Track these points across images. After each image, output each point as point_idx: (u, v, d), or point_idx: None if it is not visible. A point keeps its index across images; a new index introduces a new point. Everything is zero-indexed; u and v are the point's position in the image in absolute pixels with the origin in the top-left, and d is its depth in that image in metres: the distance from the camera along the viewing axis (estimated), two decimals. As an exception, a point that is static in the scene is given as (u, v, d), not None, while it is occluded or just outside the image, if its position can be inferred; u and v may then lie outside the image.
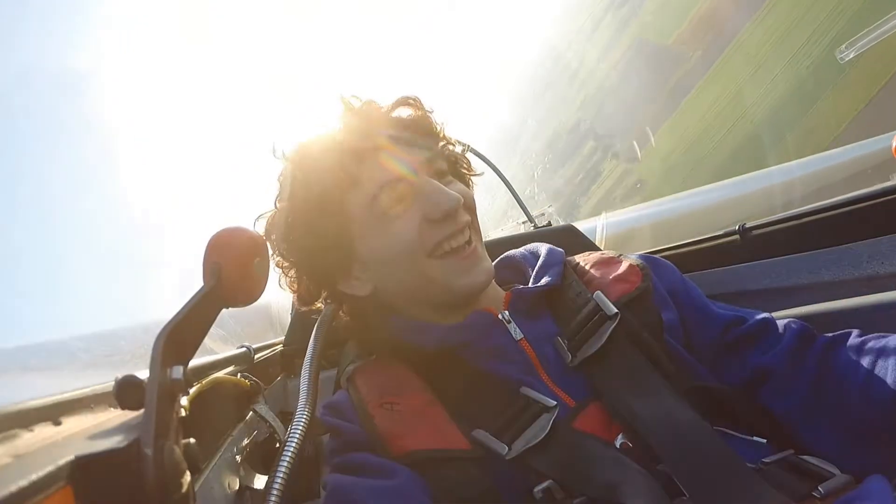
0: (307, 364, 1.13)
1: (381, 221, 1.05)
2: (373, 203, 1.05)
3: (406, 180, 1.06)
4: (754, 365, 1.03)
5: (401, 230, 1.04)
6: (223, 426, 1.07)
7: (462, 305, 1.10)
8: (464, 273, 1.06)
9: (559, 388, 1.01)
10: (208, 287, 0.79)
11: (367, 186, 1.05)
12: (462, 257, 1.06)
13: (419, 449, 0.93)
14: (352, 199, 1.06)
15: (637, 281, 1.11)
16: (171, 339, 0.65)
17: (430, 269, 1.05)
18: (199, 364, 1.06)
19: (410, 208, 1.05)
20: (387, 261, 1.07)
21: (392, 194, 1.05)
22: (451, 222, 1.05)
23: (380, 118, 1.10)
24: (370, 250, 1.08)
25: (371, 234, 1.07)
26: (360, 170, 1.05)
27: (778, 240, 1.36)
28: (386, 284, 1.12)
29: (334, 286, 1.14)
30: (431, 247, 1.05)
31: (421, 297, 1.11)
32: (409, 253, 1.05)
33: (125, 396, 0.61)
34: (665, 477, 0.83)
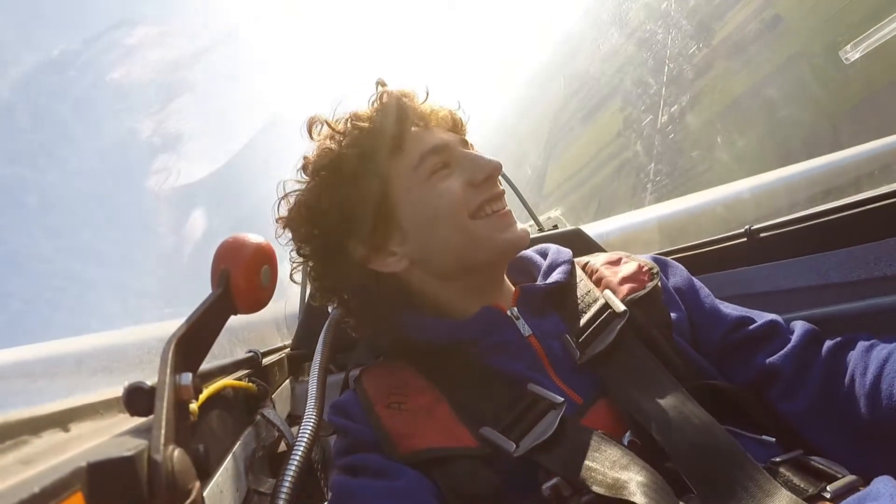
0: (315, 368, 1.14)
1: (426, 185, 1.09)
2: (418, 167, 1.09)
3: (449, 147, 1.11)
4: (761, 366, 1.04)
5: (446, 191, 1.08)
6: (231, 431, 1.08)
7: (491, 282, 1.15)
8: (506, 229, 1.10)
9: (567, 385, 1.02)
10: (216, 294, 0.79)
11: (412, 153, 1.10)
12: (502, 216, 1.11)
13: (427, 448, 0.93)
14: (396, 166, 1.10)
15: (646, 280, 1.12)
16: (180, 345, 0.66)
17: (475, 227, 1.09)
18: (207, 369, 1.07)
19: (453, 173, 1.10)
20: (431, 222, 1.10)
21: (436, 159, 1.10)
22: (491, 185, 1.11)
23: (419, 101, 1.16)
24: (414, 215, 1.11)
25: (415, 197, 1.10)
26: (404, 138, 1.10)
27: (785, 242, 1.35)
28: (426, 254, 1.13)
29: (365, 265, 1.14)
30: (475, 208, 1.09)
31: (462, 261, 1.12)
32: (454, 213, 1.08)
33: (134, 403, 0.62)
34: (673, 474, 0.83)
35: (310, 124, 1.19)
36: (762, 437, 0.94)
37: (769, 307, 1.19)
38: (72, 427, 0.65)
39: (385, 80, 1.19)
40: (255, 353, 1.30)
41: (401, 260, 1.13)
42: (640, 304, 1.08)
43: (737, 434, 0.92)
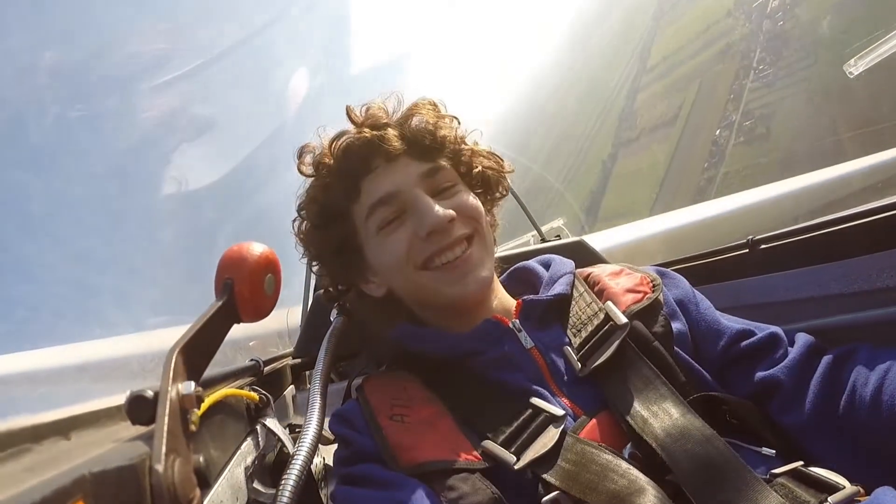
0: (316, 376, 1.14)
1: (379, 234, 1.12)
2: (369, 216, 1.12)
3: (399, 195, 1.11)
4: (762, 378, 1.04)
5: (392, 246, 1.11)
6: (232, 439, 1.07)
7: (463, 312, 1.14)
8: (454, 283, 1.10)
9: (568, 397, 1.02)
10: (220, 303, 0.80)
11: (364, 202, 1.12)
12: (452, 268, 1.10)
13: (429, 460, 0.93)
14: (356, 210, 1.14)
15: (648, 292, 1.12)
16: (183, 354, 0.66)
17: (421, 279, 1.11)
18: (208, 377, 1.07)
19: (404, 223, 1.11)
20: (385, 270, 1.15)
21: (386, 210, 1.11)
22: (440, 237, 1.09)
23: (386, 128, 1.14)
24: (374, 259, 1.16)
25: (371, 245, 1.15)
26: (358, 184, 1.13)
27: (787, 253, 1.35)
28: (395, 287, 1.19)
29: (355, 285, 1.24)
30: (421, 261, 1.10)
31: (422, 303, 1.18)
32: (400, 267, 1.11)
33: (136, 412, 0.62)
34: (674, 487, 0.84)
35: (299, 153, 1.25)
36: (762, 450, 0.94)
37: (771, 318, 1.19)
38: (74, 435, 0.65)
39: (353, 109, 1.19)
40: (256, 362, 1.30)
41: (379, 287, 1.21)
42: (641, 316, 1.08)
43: (737, 446, 0.92)
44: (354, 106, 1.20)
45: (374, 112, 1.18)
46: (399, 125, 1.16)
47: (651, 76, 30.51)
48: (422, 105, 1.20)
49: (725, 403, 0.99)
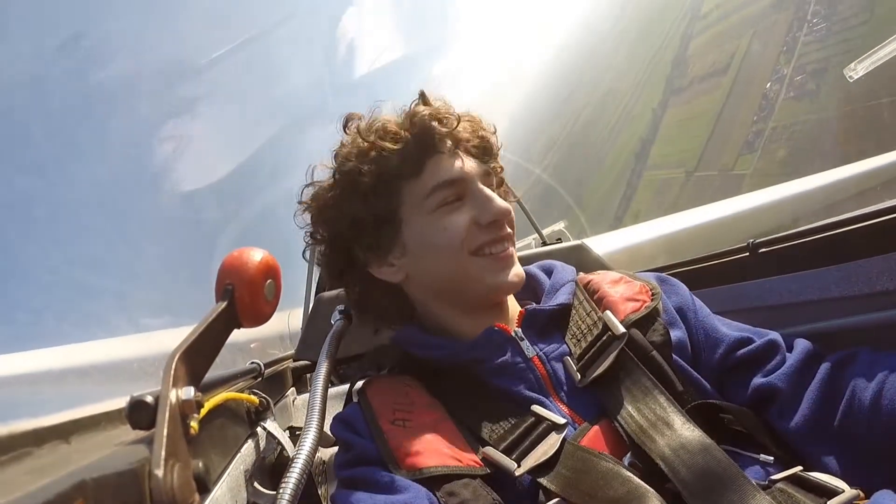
0: (317, 379, 1.14)
1: (434, 214, 1.11)
2: (429, 196, 1.11)
3: (464, 181, 1.12)
4: (760, 385, 1.04)
5: (451, 226, 1.10)
6: (232, 443, 1.08)
7: (486, 306, 1.15)
8: (499, 272, 1.12)
9: (568, 406, 1.03)
10: (220, 308, 0.80)
11: (427, 181, 1.11)
12: (498, 259, 1.12)
13: (430, 466, 0.93)
14: (410, 187, 1.12)
15: (647, 300, 1.13)
16: (183, 359, 0.66)
17: (470, 264, 1.10)
18: (208, 380, 1.07)
19: (463, 206, 1.12)
20: (431, 249, 1.12)
21: (449, 191, 1.11)
22: (496, 229, 1.12)
23: (450, 120, 1.15)
24: (417, 236, 1.13)
25: (422, 223, 1.12)
26: (423, 162, 1.11)
27: (787, 256, 1.35)
28: (421, 273, 1.17)
29: (366, 267, 1.19)
30: (475, 247, 1.10)
31: (453, 288, 1.15)
32: (454, 248, 1.10)
33: (136, 416, 0.62)
34: (673, 495, 0.84)
35: (346, 120, 1.23)
36: (761, 456, 0.94)
37: (770, 321, 1.19)
38: (74, 439, 0.65)
39: (426, 93, 1.21)
40: (257, 365, 1.30)
41: (398, 272, 1.17)
42: (640, 325, 1.08)
43: (736, 453, 0.92)
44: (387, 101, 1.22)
45: (443, 102, 1.20)
46: (463, 119, 1.18)
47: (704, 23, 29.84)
48: (468, 112, 1.21)
49: (724, 411, 0.99)
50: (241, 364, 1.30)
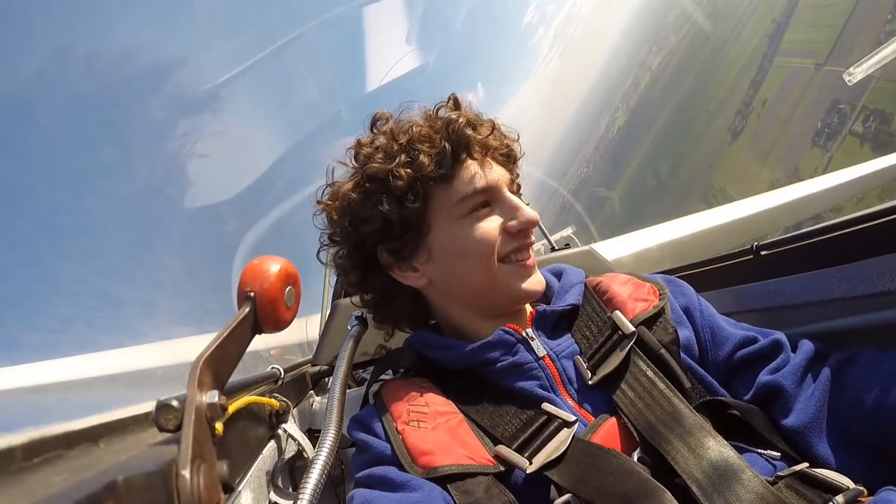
0: (335, 383, 1.14)
1: (465, 220, 1.10)
2: (461, 203, 1.10)
3: (495, 189, 1.12)
4: (765, 383, 1.03)
5: (482, 233, 1.09)
6: (254, 445, 1.08)
7: (506, 313, 1.15)
8: (524, 279, 1.12)
9: (579, 404, 1.03)
10: (242, 315, 0.81)
11: (460, 187, 1.10)
12: (523, 266, 1.12)
13: (444, 465, 0.93)
14: (441, 193, 1.11)
15: (654, 300, 1.12)
16: (207, 364, 0.67)
17: (498, 271, 1.10)
18: (231, 385, 1.08)
19: (493, 213, 1.12)
20: (460, 255, 1.11)
21: (481, 198, 1.11)
22: (523, 236, 1.12)
23: (484, 127, 1.15)
24: (445, 243, 1.12)
25: (452, 228, 1.11)
26: (455, 168, 1.10)
27: (790, 258, 1.34)
28: (446, 278, 1.16)
29: (388, 271, 1.19)
30: (504, 254, 1.10)
31: (478, 295, 1.15)
32: (485, 255, 1.10)
33: (163, 421, 0.63)
34: (682, 490, 0.83)
35: (374, 119, 1.22)
36: (767, 452, 0.94)
37: (775, 323, 1.19)
38: (103, 442, 0.66)
39: (459, 98, 1.20)
40: (276, 369, 1.31)
41: (421, 277, 1.16)
42: (648, 324, 1.08)
43: (743, 449, 0.92)
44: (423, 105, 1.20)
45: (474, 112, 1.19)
46: (492, 126, 1.17)
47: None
48: (490, 119, 1.20)
49: (731, 408, 0.99)
50: (262, 369, 1.31)
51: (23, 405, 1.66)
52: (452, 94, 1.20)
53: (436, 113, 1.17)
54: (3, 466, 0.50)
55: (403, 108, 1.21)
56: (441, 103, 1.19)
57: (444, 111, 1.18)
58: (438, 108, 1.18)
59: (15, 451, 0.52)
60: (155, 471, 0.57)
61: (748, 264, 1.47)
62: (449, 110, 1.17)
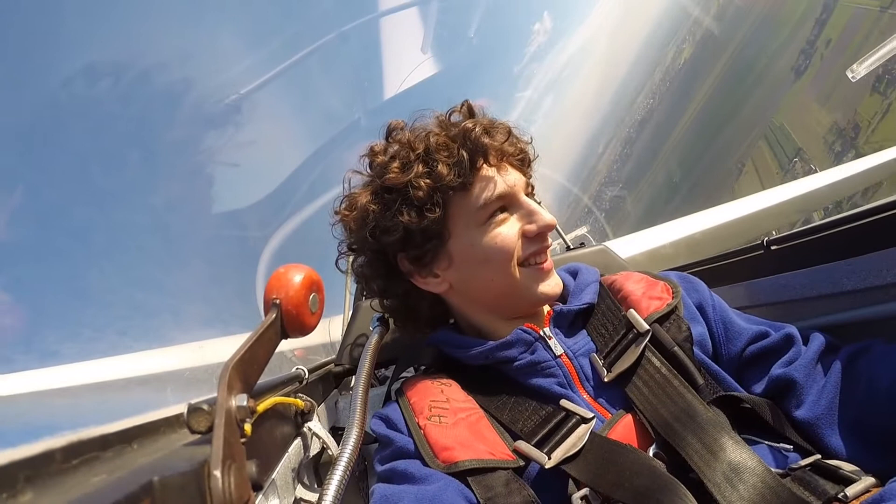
0: (358, 381, 1.15)
1: (485, 227, 1.10)
2: (481, 210, 1.10)
3: (513, 195, 1.12)
4: (778, 376, 1.02)
5: (503, 239, 1.09)
6: (280, 444, 1.09)
7: (525, 314, 1.15)
8: (543, 282, 1.12)
9: (596, 401, 1.03)
10: (269, 321, 0.82)
11: (478, 194, 1.10)
12: (541, 269, 1.12)
13: (465, 459, 0.94)
14: (460, 201, 1.10)
15: (668, 298, 1.12)
16: (236, 369, 0.68)
17: (519, 274, 1.10)
18: (258, 386, 1.09)
19: (511, 218, 1.11)
20: (481, 261, 1.11)
21: (498, 205, 1.10)
22: (541, 240, 1.12)
23: (499, 134, 1.14)
24: (466, 249, 1.12)
25: (472, 235, 1.11)
26: (473, 176, 1.10)
27: (801, 252, 1.33)
28: (467, 283, 1.16)
29: (409, 277, 1.19)
30: (523, 258, 1.11)
31: (499, 298, 1.15)
32: (506, 259, 1.10)
33: (195, 423, 0.64)
34: (697, 484, 0.83)
35: (390, 129, 1.22)
36: (781, 445, 0.93)
37: (787, 316, 1.18)
38: (136, 443, 0.67)
39: (473, 105, 1.19)
40: (301, 370, 1.32)
41: (442, 283, 1.17)
42: (662, 321, 1.08)
43: (756, 443, 0.92)
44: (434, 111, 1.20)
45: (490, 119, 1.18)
46: (507, 131, 1.16)
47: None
48: (504, 123, 1.20)
49: (744, 402, 0.98)
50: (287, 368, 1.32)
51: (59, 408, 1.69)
52: (466, 102, 1.19)
53: (449, 118, 1.17)
54: (43, 468, 0.51)
55: (417, 115, 1.21)
56: (454, 108, 1.19)
57: (456, 116, 1.18)
58: (451, 114, 1.18)
59: (55, 453, 0.53)
60: (187, 471, 0.58)
61: (759, 259, 1.46)
62: (463, 116, 1.17)
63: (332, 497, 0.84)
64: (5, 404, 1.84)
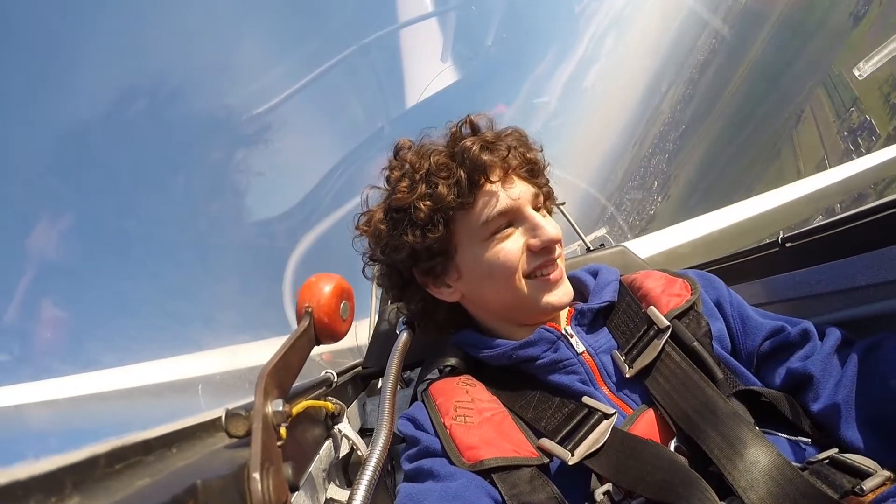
0: (386, 384, 1.15)
1: (488, 242, 1.10)
2: (483, 226, 1.09)
3: (516, 210, 1.10)
4: (795, 370, 1.01)
5: (506, 254, 1.09)
6: (312, 445, 1.10)
7: (538, 319, 1.14)
8: (550, 293, 1.11)
9: (617, 397, 1.03)
10: (301, 329, 0.83)
11: (481, 211, 1.09)
12: (550, 280, 1.11)
13: (490, 458, 0.94)
14: (463, 218, 1.10)
15: (687, 295, 1.12)
16: (272, 376, 0.69)
17: (524, 286, 1.10)
18: (292, 391, 1.10)
19: (515, 232, 1.11)
20: (486, 274, 1.11)
21: (502, 220, 1.09)
22: (547, 253, 1.11)
23: (500, 149, 1.12)
24: (472, 263, 1.12)
25: (476, 250, 1.11)
26: (475, 194, 1.09)
27: (815, 248, 1.32)
28: (476, 295, 1.17)
29: (424, 287, 1.20)
30: (529, 270, 1.10)
31: (507, 308, 1.15)
32: (509, 273, 1.09)
33: (233, 428, 0.65)
34: (717, 478, 0.83)
35: (397, 148, 1.22)
36: (799, 439, 0.92)
37: (803, 312, 1.17)
38: (176, 447, 0.68)
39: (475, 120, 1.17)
40: (330, 374, 1.34)
41: (454, 292, 1.18)
42: (681, 318, 1.08)
43: (774, 436, 0.91)
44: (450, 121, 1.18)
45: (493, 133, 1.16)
46: (512, 146, 1.14)
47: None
48: (514, 131, 1.19)
49: (762, 396, 0.97)
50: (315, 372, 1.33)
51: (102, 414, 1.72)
52: (469, 117, 1.17)
53: (460, 130, 1.16)
54: (89, 473, 0.52)
55: (424, 134, 1.21)
56: (463, 120, 1.17)
57: (465, 129, 1.16)
58: (462, 125, 1.17)
59: (99, 458, 0.54)
60: (227, 474, 0.59)
61: (775, 256, 1.44)
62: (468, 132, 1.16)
63: (362, 497, 0.84)
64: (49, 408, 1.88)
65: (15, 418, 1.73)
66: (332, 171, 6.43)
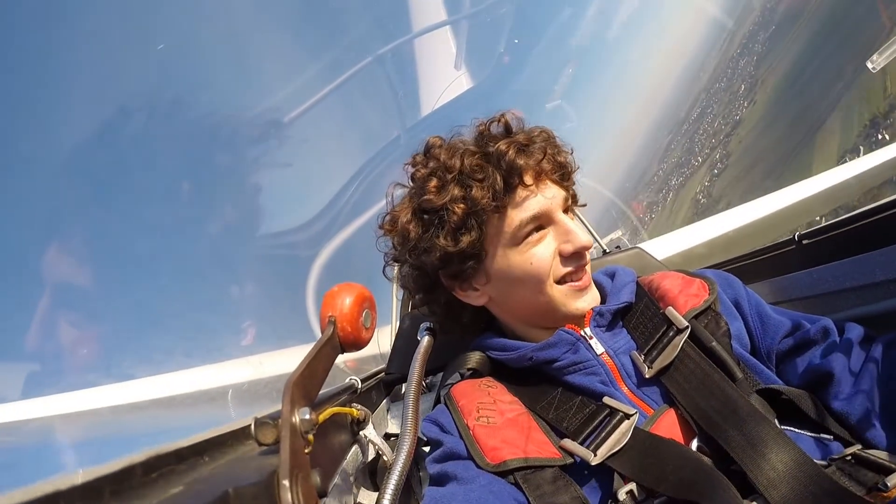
0: (409, 389, 1.15)
1: (520, 246, 1.09)
2: (516, 231, 1.08)
3: (548, 214, 1.09)
4: (815, 368, 1.00)
5: (538, 260, 1.08)
6: (338, 451, 1.11)
7: (562, 323, 1.13)
8: (579, 299, 1.11)
9: (638, 397, 1.02)
10: (325, 338, 0.84)
11: (514, 215, 1.08)
12: (578, 288, 1.11)
13: (514, 458, 0.94)
14: (494, 221, 1.09)
15: (705, 295, 1.11)
16: (298, 385, 0.70)
17: (554, 292, 1.09)
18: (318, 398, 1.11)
19: (546, 237, 1.10)
20: (516, 279, 1.11)
21: (534, 225, 1.09)
22: (577, 259, 1.10)
23: (535, 152, 1.10)
24: (502, 268, 1.11)
25: (507, 255, 1.10)
26: (508, 198, 1.08)
27: (832, 245, 1.30)
28: (504, 299, 1.16)
29: (451, 291, 1.19)
30: (559, 276, 1.09)
31: (535, 313, 1.14)
32: (541, 279, 1.08)
33: (262, 436, 0.66)
34: (740, 476, 0.82)
35: (427, 146, 1.20)
36: (821, 436, 0.91)
37: (822, 309, 1.15)
38: (207, 455, 0.69)
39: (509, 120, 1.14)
40: (354, 380, 1.34)
41: (481, 296, 1.17)
42: (700, 317, 1.07)
43: (796, 434, 0.89)
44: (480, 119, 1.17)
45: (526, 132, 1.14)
46: (544, 149, 1.12)
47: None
48: (543, 132, 1.16)
49: (783, 394, 0.96)
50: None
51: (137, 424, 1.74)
52: (504, 118, 1.15)
53: (489, 129, 1.14)
54: (126, 482, 0.53)
55: (455, 132, 1.19)
56: (494, 117, 1.15)
57: (496, 127, 1.14)
58: (491, 124, 1.15)
59: (135, 467, 0.55)
60: (258, 481, 0.59)
61: (792, 254, 1.43)
62: (500, 132, 1.14)
63: (389, 501, 0.85)
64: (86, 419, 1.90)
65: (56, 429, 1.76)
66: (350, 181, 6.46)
